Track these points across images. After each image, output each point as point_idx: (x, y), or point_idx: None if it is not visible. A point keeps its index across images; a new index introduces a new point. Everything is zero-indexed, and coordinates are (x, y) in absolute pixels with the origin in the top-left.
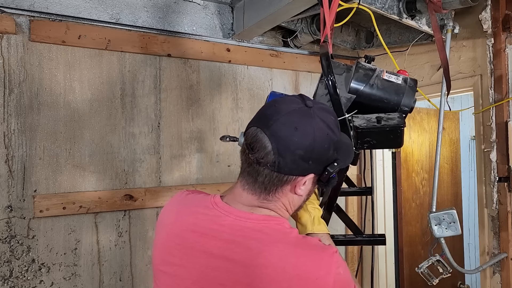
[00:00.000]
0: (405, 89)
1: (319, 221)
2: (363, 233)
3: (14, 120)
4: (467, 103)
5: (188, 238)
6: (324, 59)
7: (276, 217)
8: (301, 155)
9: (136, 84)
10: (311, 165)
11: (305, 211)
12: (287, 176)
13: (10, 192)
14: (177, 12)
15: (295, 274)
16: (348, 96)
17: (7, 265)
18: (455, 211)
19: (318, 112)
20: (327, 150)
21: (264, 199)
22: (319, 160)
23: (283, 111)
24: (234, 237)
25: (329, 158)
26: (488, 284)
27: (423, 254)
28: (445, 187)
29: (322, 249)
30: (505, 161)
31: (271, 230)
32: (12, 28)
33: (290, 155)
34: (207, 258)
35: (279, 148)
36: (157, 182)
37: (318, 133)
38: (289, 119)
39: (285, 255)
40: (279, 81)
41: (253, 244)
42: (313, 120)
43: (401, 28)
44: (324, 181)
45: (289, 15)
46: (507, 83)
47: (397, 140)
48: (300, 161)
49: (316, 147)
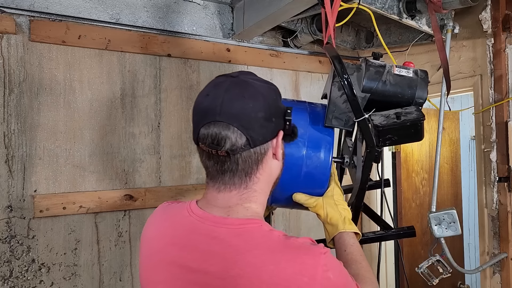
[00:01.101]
0: (418, 81)
1: (349, 221)
2: (393, 228)
3: (14, 120)
4: (467, 103)
5: (169, 253)
6: (337, 61)
7: (253, 219)
8: (264, 116)
9: (136, 84)
10: (276, 121)
11: (335, 212)
12: (263, 145)
13: (10, 192)
14: (177, 12)
15: (273, 283)
16: (363, 95)
17: (7, 265)
18: (455, 211)
19: (245, 75)
20: (277, 101)
21: (246, 188)
22: (277, 114)
23: (219, 93)
24: (211, 246)
25: (282, 108)
26: (488, 284)
27: (423, 254)
28: (445, 187)
29: (306, 251)
30: (505, 161)
31: (248, 235)
32: (12, 28)
33: (256, 123)
34: (186, 273)
35: (243, 123)
36: (157, 182)
37: (262, 90)
38: (230, 94)
39: (261, 262)
40: (279, 81)
41: (229, 253)
42: (248, 83)
43: (401, 28)
44: (288, 133)
45: (289, 15)
46: (507, 83)
47: (418, 133)
48: (266, 122)
49: (270, 102)
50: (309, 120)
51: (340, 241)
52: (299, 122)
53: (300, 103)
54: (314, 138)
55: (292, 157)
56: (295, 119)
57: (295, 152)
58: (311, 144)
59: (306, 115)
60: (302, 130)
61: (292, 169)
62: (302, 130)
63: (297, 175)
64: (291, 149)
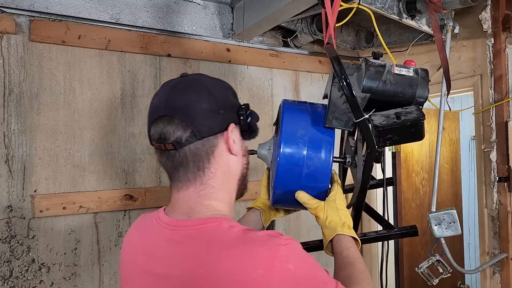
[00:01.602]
0: (418, 80)
1: (349, 227)
2: (395, 227)
3: (14, 120)
4: (467, 103)
5: (139, 262)
6: (336, 62)
7: (213, 218)
8: (208, 107)
9: (136, 84)
10: (225, 114)
11: (335, 216)
12: (212, 137)
13: (10, 192)
14: (177, 12)
15: (232, 279)
16: (363, 95)
17: (7, 265)
18: (455, 211)
19: (196, 75)
20: (227, 95)
21: (202, 185)
22: (227, 107)
23: (166, 90)
24: (173, 250)
25: (234, 103)
26: (488, 284)
27: (423, 254)
28: (445, 187)
29: (263, 243)
30: (505, 161)
31: (207, 235)
32: (12, 28)
33: (200, 113)
34: (152, 279)
35: (186, 115)
36: (157, 182)
37: (208, 84)
38: (175, 90)
39: (218, 259)
40: (279, 81)
41: (189, 255)
42: (195, 78)
43: (401, 28)
44: (246, 128)
45: (289, 15)
46: (507, 83)
47: (419, 133)
48: (212, 114)
49: (215, 95)
50: (310, 121)
51: (337, 244)
52: (300, 123)
53: (301, 104)
54: (314, 139)
55: (293, 158)
56: (296, 120)
57: (295, 153)
58: (311, 144)
59: (307, 116)
60: (303, 131)
61: (293, 169)
62: (302, 131)
63: (298, 176)
64: (291, 150)
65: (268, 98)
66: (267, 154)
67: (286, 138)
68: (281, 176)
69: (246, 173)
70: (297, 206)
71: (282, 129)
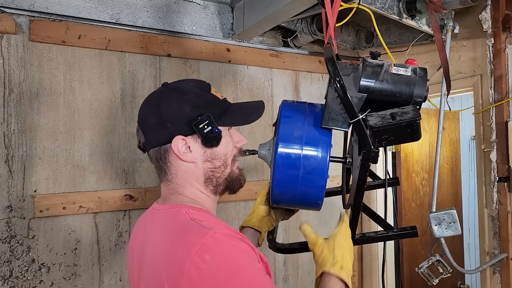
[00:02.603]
0: (416, 79)
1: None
2: (395, 228)
3: (14, 120)
4: (467, 103)
5: (134, 253)
6: (330, 64)
7: (180, 205)
8: (153, 122)
9: (136, 84)
10: (171, 127)
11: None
12: (160, 147)
13: (10, 192)
14: (177, 12)
15: (165, 259)
16: (359, 95)
17: (7, 265)
18: (455, 211)
19: (170, 85)
20: (179, 109)
21: (168, 181)
22: (176, 120)
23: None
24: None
25: (188, 115)
26: (488, 284)
27: (423, 254)
28: (445, 187)
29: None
30: (505, 161)
31: (169, 218)
32: (12, 28)
33: (148, 127)
34: (139, 257)
35: (141, 127)
36: (157, 182)
37: (162, 98)
38: (144, 101)
39: (160, 240)
40: (279, 81)
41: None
42: (158, 92)
43: (401, 28)
44: (204, 138)
45: (289, 15)
46: (507, 83)
47: (415, 133)
48: (158, 127)
49: (162, 109)
50: (307, 122)
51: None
52: (297, 123)
53: (300, 104)
54: (311, 139)
55: (290, 158)
56: (293, 120)
57: (292, 153)
58: (308, 145)
59: (304, 116)
60: (300, 131)
61: (290, 170)
62: (299, 132)
63: (295, 176)
64: (288, 150)
65: (268, 98)
66: (267, 154)
67: (283, 139)
68: (279, 176)
69: (213, 175)
70: (296, 206)
71: (279, 130)
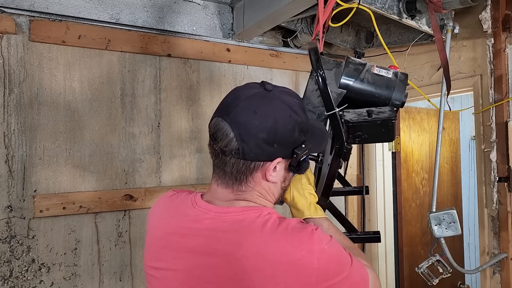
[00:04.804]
0: (396, 83)
1: (315, 207)
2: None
3: (14, 120)
4: (467, 103)
5: (171, 241)
6: (313, 53)
7: (255, 207)
8: (264, 138)
9: (136, 84)
10: (277, 149)
11: (301, 196)
12: (254, 162)
13: (10, 192)
14: (177, 12)
15: (276, 260)
16: (339, 91)
17: (7, 265)
18: (455, 211)
19: (278, 94)
20: (292, 132)
21: (238, 191)
22: (284, 143)
23: (242, 97)
24: (215, 232)
25: (295, 140)
26: (488, 284)
27: (423, 254)
28: (445, 187)
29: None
30: (505, 161)
31: (248, 220)
32: (12, 28)
33: (253, 139)
34: (191, 257)
35: (241, 133)
36: (157, 182)
37: (280, 115)
38: (248, 103)
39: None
40: (279, 81)
41: (232, 237)
42: (273, 102)
43: (401, 28)
44: (294, 165)
45: (289, 15)
46: (507, 83)
47: (389, 133)
48: (264, 145)
49: (279, 129)
50: None
51: None
52: None
53: None
54: None
55: None
56: None
57: None
58: None
59: None
60: None
61: None
62: None
63: None
64: None
65: None
66: None
67: None
68: None
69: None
70: None
71: None
